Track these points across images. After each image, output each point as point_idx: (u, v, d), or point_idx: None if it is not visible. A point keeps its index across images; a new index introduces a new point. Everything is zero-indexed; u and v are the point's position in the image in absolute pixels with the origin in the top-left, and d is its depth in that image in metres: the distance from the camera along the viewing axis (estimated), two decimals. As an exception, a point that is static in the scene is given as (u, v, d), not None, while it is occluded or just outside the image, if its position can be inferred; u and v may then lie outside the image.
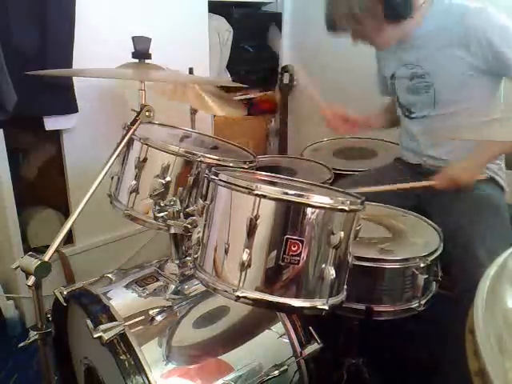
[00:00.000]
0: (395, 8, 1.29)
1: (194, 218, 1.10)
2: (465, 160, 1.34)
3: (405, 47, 1.44)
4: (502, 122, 0.81)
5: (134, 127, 1.08)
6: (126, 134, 1.07)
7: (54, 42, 1.60)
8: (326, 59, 2.57)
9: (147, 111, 1.10)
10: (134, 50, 1.25)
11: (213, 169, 0.95)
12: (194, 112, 1.90)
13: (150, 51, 1.27)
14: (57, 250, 0.91)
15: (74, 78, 1.68)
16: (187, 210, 1.12)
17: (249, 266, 0.86)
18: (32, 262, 0.86)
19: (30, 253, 0.89)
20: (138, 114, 1.09)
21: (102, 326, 0.96)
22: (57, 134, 1.82)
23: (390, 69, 1.54)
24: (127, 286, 1.17)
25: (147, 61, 1.25)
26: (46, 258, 0.88)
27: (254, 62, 2.72)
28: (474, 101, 1.39)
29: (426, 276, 1.13)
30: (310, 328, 1.14)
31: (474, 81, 1.36)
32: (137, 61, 1.25)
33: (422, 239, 1.24)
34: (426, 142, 1.49)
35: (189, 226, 1.10)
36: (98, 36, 1.74)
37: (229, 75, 2.66)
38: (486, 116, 1.37)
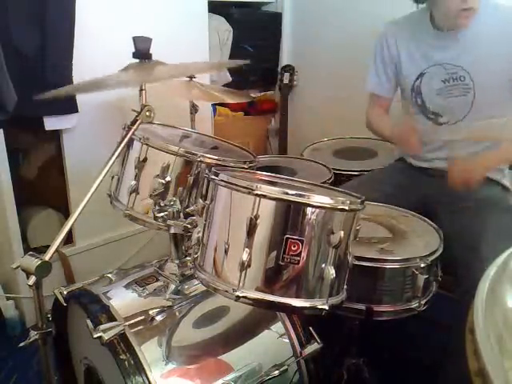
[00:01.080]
0: None
1: (193, 217, 1.10)
2: (481, 156, 1.31)
3: (445, 45, 1.37)
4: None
5: (135, 127, 1.08)
6: (126, 134, 1.07)
7: (53, 43, 1.60)
8: (326, 59, 2.57)
9: (148, 111, 1.09)
10: (134, 50, 1.25)
11: (213, 169, 0.95)
12: (193, 112, 1.90)
13: (150, 51, 1.27)
14: (57, 250, 0.91)
15: (73, 77, 1.68)
16: (187, 210, 1.12)
17: (249, 265, 0.86)
18: (33, 262, 0.86)
19: (31, 252, 0.89)
20: (139, 113, 1.09)
21: (102, 326, 0.96)
22: (57, 134, 1.82)
23: (418, 68, 1.45)
24: (127, 286, 1.17)
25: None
26: (47, 257, 0.88)
27: (254, 61, 2.72)
28: (508, 106, 1.37)
29: (426, 276, 1.13)
30: (310, 328, 1.14)
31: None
32: (137, 61, 1.26)
33: (422, 239, 1.23)
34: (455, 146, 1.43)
35: (189, 226, 1.11)
36: (98, 36, 1.75)
37: (229, 75, 2.66)
38: None
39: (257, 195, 0.84)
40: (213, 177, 0.92)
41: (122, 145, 1.05)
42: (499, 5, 1.32)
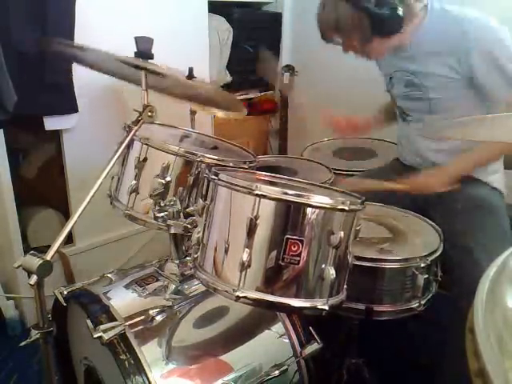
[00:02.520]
0: (383, 23, 1.25)
1: (193, 217, 1.10)
2: (435, 169, 1.34)
3: (401, 55, 1.40)
4: (498, 120, 0.80)
5: (137, 127, 1.08)
6: (128, 134, 1.07)
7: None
8: (326, 59, 2.57)
9: (150, 111, 1.10)
10: (136, 50, 1.25)
11: (213, 169, 0.95)
12: (193, 112, 1.90)
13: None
14: (57, 250, 0.91)
15: (73, 78, 1.68)
16: (187, 210, 1.12)
17: (249, 265, 0.86)
18: (34, 261, 0.86)
19: (32, 252, 0.89)
20: (141, 114, 1.09)
21: (102, 326, 0.97)
22: (57, 134, 1.82)
23: (388, 72, 1.51)
24: (127, 286, 1.17)
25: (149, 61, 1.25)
26: (48, 257, 0.88)
27: (254, 62, 2.72)
28: (469, 113, 1.35)
29: (426, 276, 1.13)
30: (310, 328, 1.14)
31: (468, 94, 1.34)
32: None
33: (422, 239, 1.24)
34: (421, 144, 1.48)
35: (189, 226, 1.11)
36: (98, 36, 1.73)
37: (229, 75, 2.66)
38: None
39: (257, 195, 0.84)
40: (213, 177, 0.92)
41: (124, 145, 1.05)
42: (452, 12, 1.31)
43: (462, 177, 1.30)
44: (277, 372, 1.07)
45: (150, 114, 1.09)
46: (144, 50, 1.23)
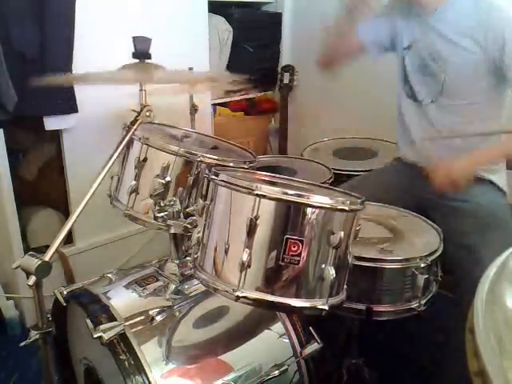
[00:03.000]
0: None
1: (193, 217, 1.10)
2: (462, 159, 1.28)
3: (426, 21, 1.38)
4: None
5: (135, 127, 1.08)
6: (126, 134, 1.07)
7: (53, 42, 1.60)
8: (326, 59, 2.57)
9: (147, 111, 1.10)
10: (134, 50, 1.25)
11: (213, 169, 0.95)
12: (193, 112, 1.90)
13: (150, 51, 1.26)
14: (57, 250, 0.91)
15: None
16: (187, 209, 1.12)
17: (249, 266, 0.86)
18: (33, 262, 0.86)
19: (31, 252, 0.89)
20: (139, 114, 1.10)
21: (102, 326, 0.96)
22: (57, 134, 1.82)
23: (407, 38, 1.46)
24: (127, 286, 1.17)
25: (147, 61, 1.25)
26: (47, 257, 0.88)
27: (254, 61, 2.72)
28: (480, 97, 1.37)
29: (426, 276, 1.13)
30: (310, 328, 1.14)
31: (483, 78, 1.33)
32: (137, 61, 1.25)
33: (422, 239, 1.24)
34: (439, 124, 1.43)
35: (189, 226, 1.11)
36: (98, 36, 1.74)
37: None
38: (488, 119, 1.35)
39: (257, 195, 0.84)
40: (213, 177, 0.92)
41: (122, 145, 1.06)
42: None
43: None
44: (277, 372, 1.07)
45: (147, 113, 1.10)
46: (142, 49, 1.23)
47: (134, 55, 1.25)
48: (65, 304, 1.12)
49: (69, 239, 1.92)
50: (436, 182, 1.25)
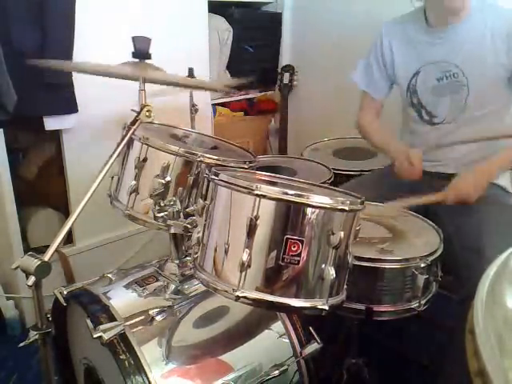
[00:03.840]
0: None
1: (194, 217, 1.10)
2: (473, 173, 1.29)
3: (438, 42, 1.38)
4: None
5: (134, 127, 1.08)
6: (126, 134, 1.07)
7: (53, 42, 1.60)
8: (326, 59, 2.57)
9: (147, 111, 1.10)
10: (134, 50, 1.25)
11: (213, 169, 0.95)
12: (193, 112, 1.90)
13: (150, 51, 1.27)
14: (57, 250, 0.91)
15: (73, 77, 1.68)
16: (187, 209, 1.12)
17: (249, 266, 0.86)
18: (32, 262, 0.85)
19: (30, 253, 0.89)
20: (138, 113, 1.09)
21: (102, 326, 0.96)
22: (57, 134, 1.82)
23: (413, 67, 1.45)
24: (127, 286, 1.17)
25: (147, 61, 1.25)
26: (46, 257, 0.88)
27: (254, 62, 2.72)
28: (501, 103, 1.38)
29: (426, 276, 1.13)
30: (310, 328, 1.14)
31: (505, 85, 1.34)
32: (137, 61, 1.25)
33: (421, 239, 1.23)
34: (458, 149, 1.42)
35: (189, 226, 1.11)
36: (98, 36, 1.74)
37: (229, 75, 2.66)
38: (502, 122, 1.36)
39: (257, 195, 0.84)
40: (213, 177, 0.92)
41: (122, 145, 1.05)
42: (495, 3, 1.33)
43: None
44: (277, 372, 1.07)
45: (147, 113, 1.09)
46: (141, 49, 1.23)
47: (134, 55, 1.25)
48: (65, 304, 1.12)
49: (69, 239, 1.92)
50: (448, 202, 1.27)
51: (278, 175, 1.13)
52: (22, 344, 0.94)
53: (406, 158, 1.39)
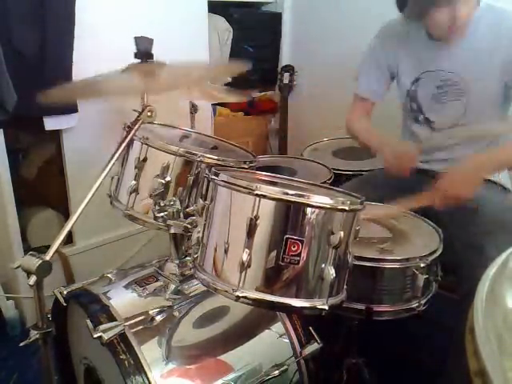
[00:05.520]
0: None
1: (194, 217, 1.10)
2: (460, 168, 1.24)
3: (438, 54, 1.38)
4: None
5: (136, 127, 1.08)
6: (127, 134, 1.07)
7: (53, 43, 1.60)
8: (326, 59, 2.57)
9: (149, 111, 1.09)
10: (136, 51, 1.25)
11: (213, 169, 0.95)
12: (193, 112, 1.90)
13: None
14: (57, 250, 0.91)
15: (73, 77, 1.68)
16: (187, 209, 1.12)
17: (249, 266, 0.86)
18: (33, 262, 0.86)
19: (31, 252, 0.89)
20: (140, 114, 1.09)
21: (102, 326, 0.97)
22: (57, 134, 1.82)
23: (413, 73, 1.45)
24: (127, 286, 1.17)
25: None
26: (48, 257, 0.88)
27: (254, 62, 2.72)
28: (499, 108, 1.38)
29: (426, 276, 1.13)
30: (310, 328, 1.14)
31: (504, 94, 1.35)
32: (139, 61, 1.25)
33: (422, 239, 1.23)
34: (457, 153, 1.42)
35: (189, 226, 1.10)
36: (98, 36, 1.74)
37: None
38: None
39: (257, 195, 0.84)
40: (213, 177, 0.92)
41: (123, 145, 1.05)
42: (496, 8, 1.32)
43: None
44: (277, 372, 1.07)
45: (149, 114, 1.09)
46: (144, 50, 1.23)
47: (137, 55, 1.25)
48: (65, 304, 1.12)
49: (69, 239, 1.92)
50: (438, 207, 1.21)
51: (277, 175, 1.13)
52: (22, 343, 0.94)
53: (392, 151, 1.36)
